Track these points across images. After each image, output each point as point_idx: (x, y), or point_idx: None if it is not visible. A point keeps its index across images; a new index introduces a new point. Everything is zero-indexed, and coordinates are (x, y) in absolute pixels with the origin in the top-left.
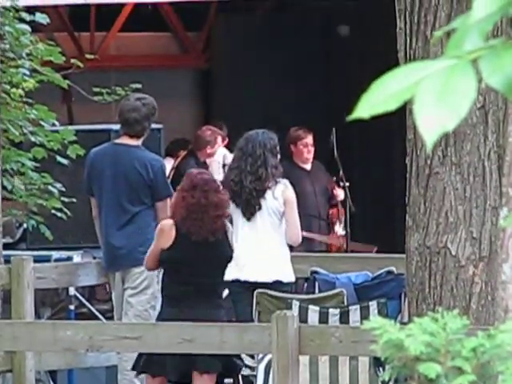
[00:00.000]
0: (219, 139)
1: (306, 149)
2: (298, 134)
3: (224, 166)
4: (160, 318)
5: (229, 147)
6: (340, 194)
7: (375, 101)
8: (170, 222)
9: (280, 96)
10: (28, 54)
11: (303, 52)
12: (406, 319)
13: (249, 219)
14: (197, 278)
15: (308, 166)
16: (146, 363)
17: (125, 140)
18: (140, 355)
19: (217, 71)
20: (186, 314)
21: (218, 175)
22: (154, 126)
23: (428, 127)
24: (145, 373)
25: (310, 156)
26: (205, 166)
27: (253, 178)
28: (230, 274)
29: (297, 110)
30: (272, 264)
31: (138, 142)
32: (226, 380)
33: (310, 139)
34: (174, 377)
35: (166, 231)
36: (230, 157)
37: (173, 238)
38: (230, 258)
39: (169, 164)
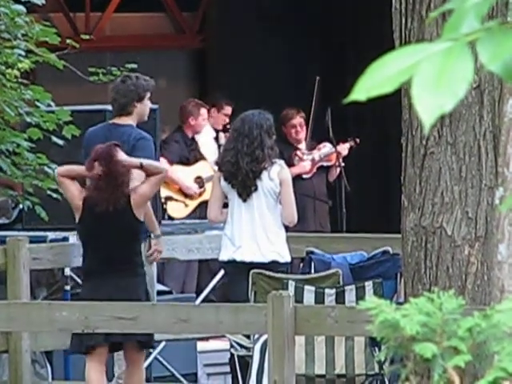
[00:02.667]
0: (203, 111)
1: (294, 129)
2: (287, 114)
3: (219, 146)
4: (81, 293)
5: (227, 126)
6: (344, 148)
7: (372, 83)
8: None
9: (276, 76)
10: (23, 35)
11: (299, 33)
12: (401, 299)
13: (245, 200)
14: (104, 249)
15: (302, 146)
16: (83, 343)
17: (118, 120)
18: (73, 338)
19: (212, 52)
20: (101, 286)
21: (213, 154)
22: (150, 106)
23: (426, 109)
24: (87, 353)
25: (299, 137)
26: (193, 142)
27: (249, 159)
28: (226, 254)
29: (292, 90)
30: (268, 244)
31: (129, 121)
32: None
33: (297, 120)
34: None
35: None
36: (224, 138)
37: (80, 210)
38: (136, 230)
39: None
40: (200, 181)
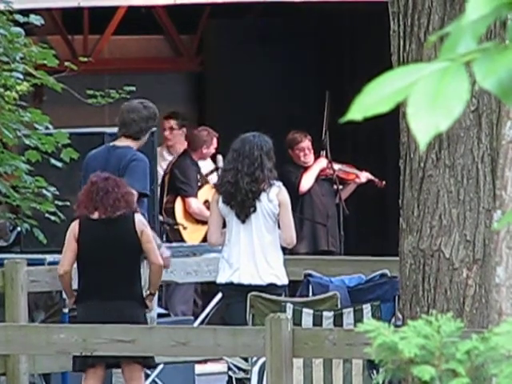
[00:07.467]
0: (215, 140)
1: (302, 153)
2: (294, 138)
3: (217, 168)
4: (77, 317)
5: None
6: (365, 176)
7: (368, 103)
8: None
9: (273, 99)
10: (22, 58)
11: (296, 55)
12: (399, 322)
13: (243, 221)
14: (103, 267)
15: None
16: (85, 362)
17: (119, 142)
18: (75, 359)
19: (210, 74)
20: (96, 309)
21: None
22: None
23: (421, 128)
24: (82, 371)
25: (308, 159)
26: (198, 166)
27: (249, 179)
28: (224, 276)
29: (290, 112)
30: (266, 267)
31: (130, 144)
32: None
33: (306, 143)
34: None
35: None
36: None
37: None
38: (135, 249)
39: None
40: (208, 205)
